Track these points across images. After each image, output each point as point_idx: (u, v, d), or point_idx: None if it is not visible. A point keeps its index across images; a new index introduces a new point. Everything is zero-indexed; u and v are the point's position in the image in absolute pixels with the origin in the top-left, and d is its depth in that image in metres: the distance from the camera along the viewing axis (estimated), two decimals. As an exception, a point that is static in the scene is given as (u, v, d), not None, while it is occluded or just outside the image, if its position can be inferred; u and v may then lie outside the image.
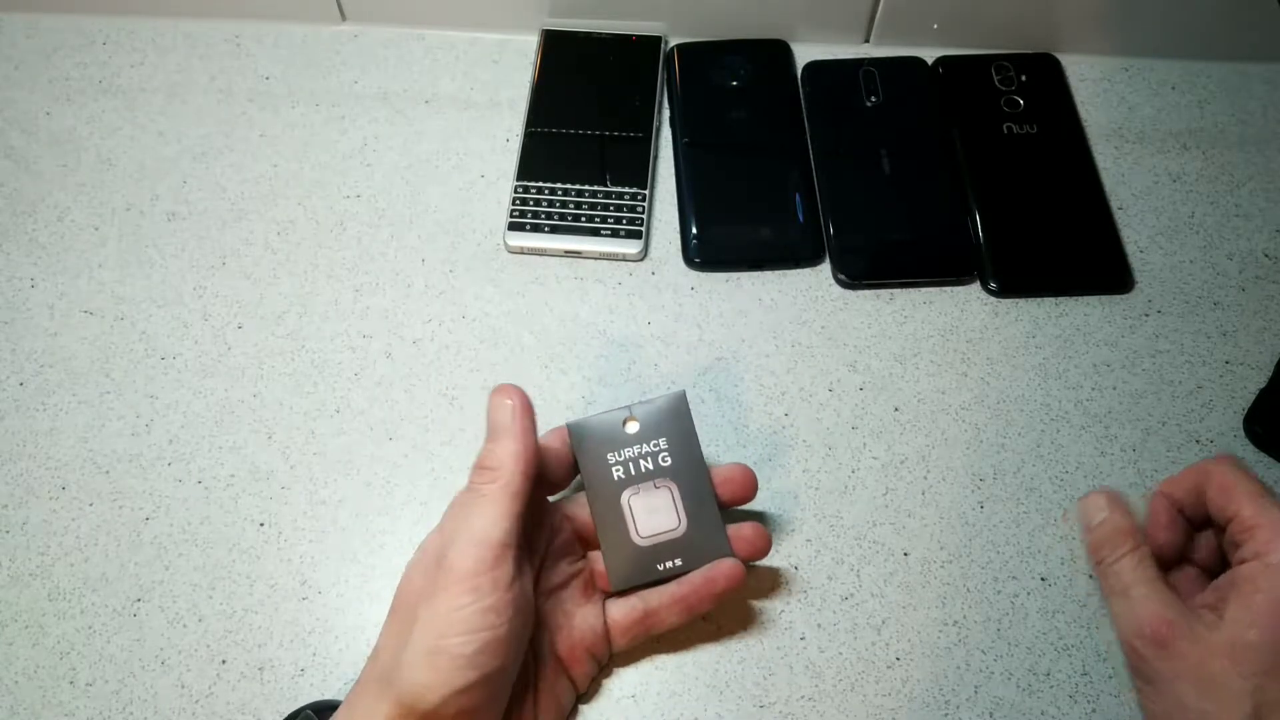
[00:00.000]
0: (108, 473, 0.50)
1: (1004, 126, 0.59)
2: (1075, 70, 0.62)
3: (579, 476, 0.45)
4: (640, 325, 0.54)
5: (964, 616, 0.46)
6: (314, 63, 0.63)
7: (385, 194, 0.58)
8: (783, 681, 0.45)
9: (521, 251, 0.56)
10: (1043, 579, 0.47)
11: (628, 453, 0.44)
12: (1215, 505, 0.39)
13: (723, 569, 0.43)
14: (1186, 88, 0.62)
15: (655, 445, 0.44)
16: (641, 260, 0.56)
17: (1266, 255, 0.56)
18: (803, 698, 0.45)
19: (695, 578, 0.43)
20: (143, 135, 0.60)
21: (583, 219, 0.56)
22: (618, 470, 0.44)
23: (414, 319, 0.54)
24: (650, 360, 0.53)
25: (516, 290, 0.55)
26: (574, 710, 0.44)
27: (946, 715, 0.44)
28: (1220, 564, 0.41)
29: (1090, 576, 0.47)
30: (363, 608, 0.47)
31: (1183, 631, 0.37)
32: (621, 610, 0.44)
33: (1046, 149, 0.58)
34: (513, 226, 0.56)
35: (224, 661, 0.45)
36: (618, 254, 0.56)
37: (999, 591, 0.47)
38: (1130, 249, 0.56)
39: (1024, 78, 0.61)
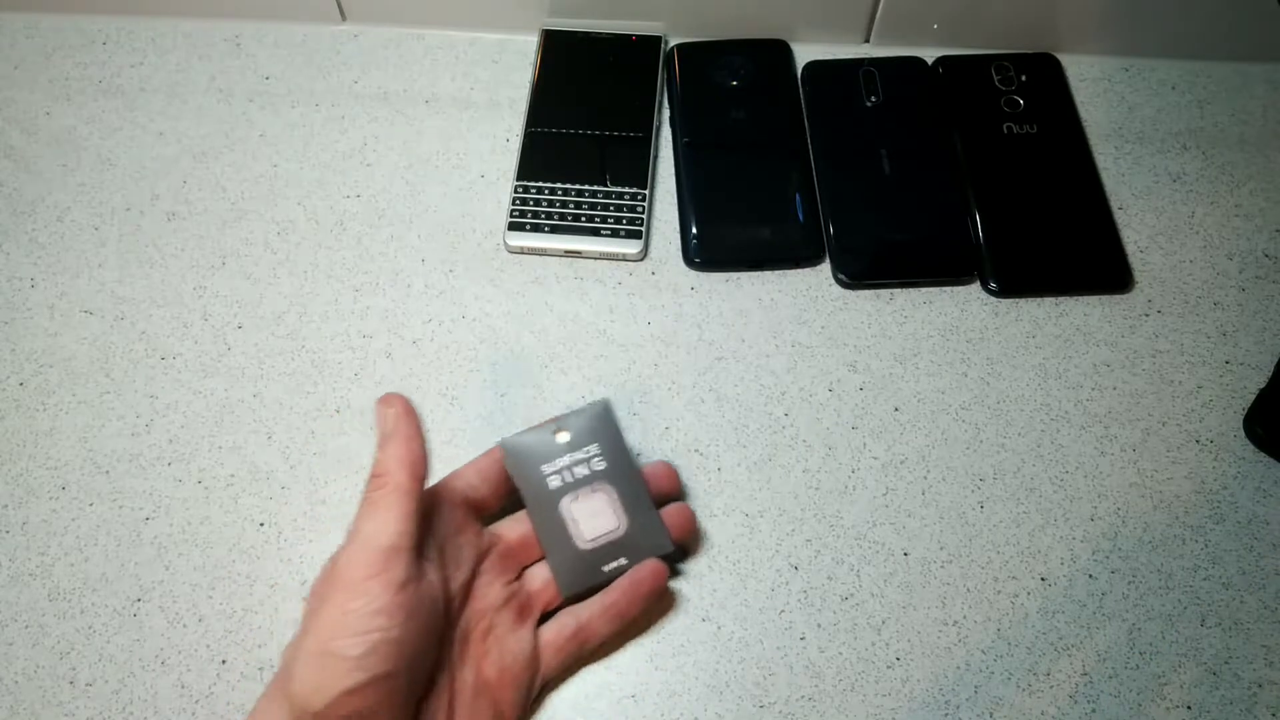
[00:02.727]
0: (108, 473, 0.50)
1: (1004, 126, 0.59)
2: (1075, 70, 0.62)
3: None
4: (640, 325, 0.54)
5: (964, 616, 0.46)
6: (314, 63, 0.63)
7: (385, 194, 0.58)
8: (783, 681, 0.45)
9: (521, 251, 0.56)
10: (1043, 579, 0.47)
11: (561, 461, 0.45)
12: None
13: (646, 569, 0.44)
14: (1186, 88, 0.62)
15: (587, 452, 0.45)
16: (641, 260, 0.56)
17: (1266, 255, 0.56)
18: (803, 698, 0.45)
19: (622, 582, 0.44)
20: (143, 135, 0.60)
21: (583, 219, 0.56)
22: (554, 480, 0.45)
23: (414, 319, 0.54)
24: (650, 360, 0.53)
25: (516, 290, 0.55)
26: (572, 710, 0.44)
27: (946, 715, 0.44)
28: None
29: (1090, 576, 0.47)
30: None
31: None
32: (553, 630, 0.44)
33: (1046, 149, 0.58)
34: (513, 226, 0.56)
35: (224, 661, 0.45)
36: (618, 254, 0.55)
37: (999, 591, 0.47)
38: (1130, 249, 0.56)
39: (1024, 78, 0.61)
